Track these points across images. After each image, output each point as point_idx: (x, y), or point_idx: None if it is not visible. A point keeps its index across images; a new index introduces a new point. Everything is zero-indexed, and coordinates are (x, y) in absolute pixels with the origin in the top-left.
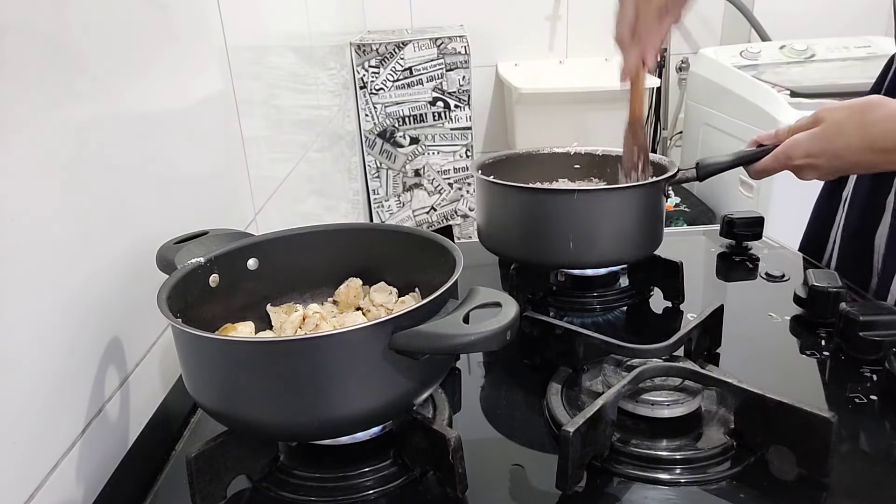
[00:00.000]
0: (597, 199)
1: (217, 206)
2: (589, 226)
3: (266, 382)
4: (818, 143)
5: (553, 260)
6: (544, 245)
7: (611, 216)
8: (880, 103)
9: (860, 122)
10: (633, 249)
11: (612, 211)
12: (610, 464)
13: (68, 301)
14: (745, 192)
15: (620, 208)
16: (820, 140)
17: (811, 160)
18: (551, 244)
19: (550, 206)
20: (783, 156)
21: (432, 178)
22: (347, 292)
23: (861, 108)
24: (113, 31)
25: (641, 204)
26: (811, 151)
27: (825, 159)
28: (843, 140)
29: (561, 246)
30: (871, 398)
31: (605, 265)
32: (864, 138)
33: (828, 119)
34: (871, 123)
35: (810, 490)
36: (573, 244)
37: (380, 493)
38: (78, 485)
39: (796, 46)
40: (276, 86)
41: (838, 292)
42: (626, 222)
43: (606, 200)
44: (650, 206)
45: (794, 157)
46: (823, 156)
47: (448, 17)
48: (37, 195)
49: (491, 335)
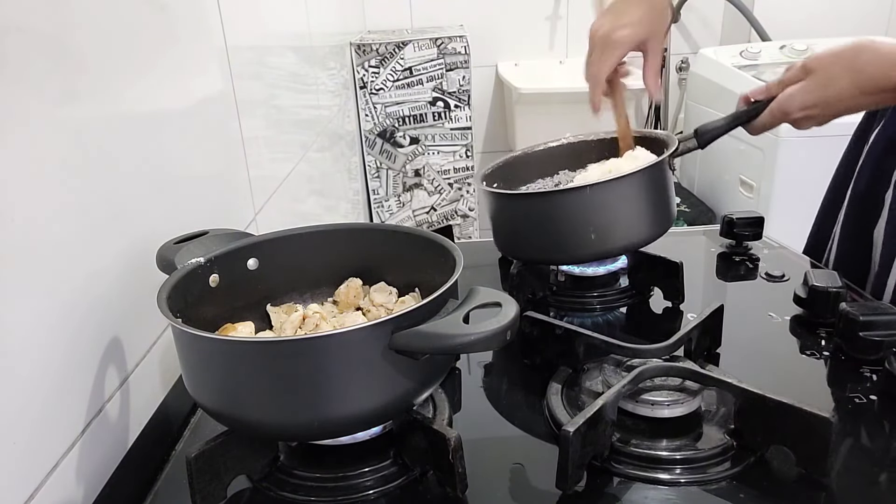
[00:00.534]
0: (610, 189)
1: (217, 206)
2: (607, 215)
3: (266, 382)
4: (812, 94)
5: (580, 254)
6: (569, 242)
7: (626, 202)
8: (868, 46)
9: (850, 68)
10: (650, 229)
11: (627, 197)
12: (610, 464)
13: (68, 301)
14: (745, 192)
15: (633, 193)
16: (813, 91)
17: (807, 111)
18: (575, 240)
19: (569, 204)
20: (779, 111)
21: (432, 178)
22: (347, 292)
23: (850, 53)
24: (113, 32)
25: (651, 185)
26: (806, 103)
27: (820, 109)
28: (836, 87)
29: (585, 240)
30: (871, 398)
31: (630, 249)
32: (855, 82)
33: (818, 69)
34: (862, 67)
35: (810, 490)
36: (595, 236)
37: (380, 493)
38: (78, 485)
39: (796, 46)
40: (276, 86)
41: (838, 292)
42: (641, 205)
43: (619, 189)
44: (660, 184)
45: (790, 112)
46: (818, 105)
47: (448, 17)
48: (37, 195)
49: (491, 335)
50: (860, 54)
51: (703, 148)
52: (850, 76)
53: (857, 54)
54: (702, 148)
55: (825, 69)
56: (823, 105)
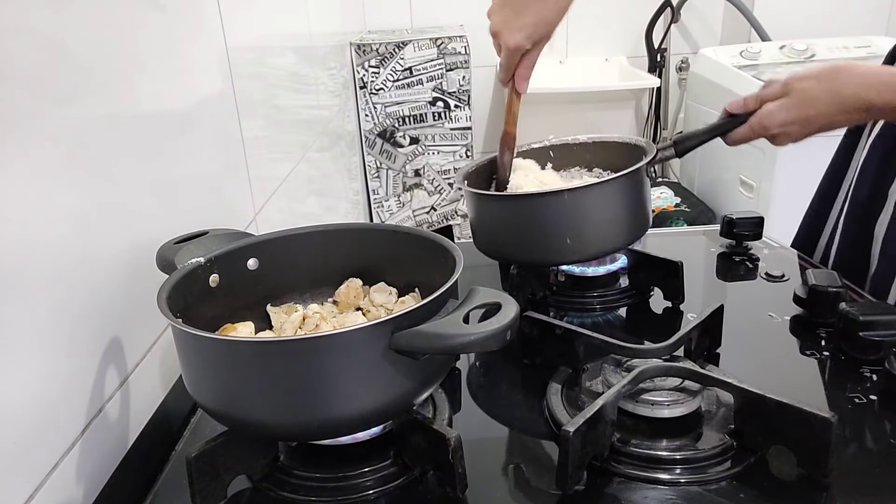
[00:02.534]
0: (587, 195)
1: (217, 206)
2: (582, 221)
3: (266, 382)
4: (791, 112)
5: (552, 258)
6: (543, 245)
7: (602, 208)
8: (845, 67)
9: (829, 89)
10: (626, 235)
11: (603, 203)
12: (610, 464)
13: (68, 301)
14: (745, 192)
15: (610, 199)
16: (792, 110)
17: (786, 128)
18: (549, 243)
19: (545, 208)
20: (759, 126)
21: (432, 178)
22: (347, 292)
23: (829, 74)
24: (113, 32)
25: (628, 191)
26: (786, 120)
27: (798, 126)
28: (814, 107)
29: (559, 243)
30: (871, 398)
31: (602, 255)
32: (834, 102)
33: (797, 88)
34: (839, 88)
35: (810, 490)
36: (570, 240)
37: (380, 493)
38: (78, 485)
39: (796, 46)
40: (276, 86)
41: (838, 292)
42: (618, 211)
43: (596, 194)
44: (637, 191)
45: (769, 128)
46: (797, 123)
47: (448, 17)
48: (37, 195)
49: (491, 335)
50: (838, 75)
51: (680, 156)
52: (829, 97)
53: (834, 75)
54: (679, 156)
55: (804, 89)
56: (802, 122)
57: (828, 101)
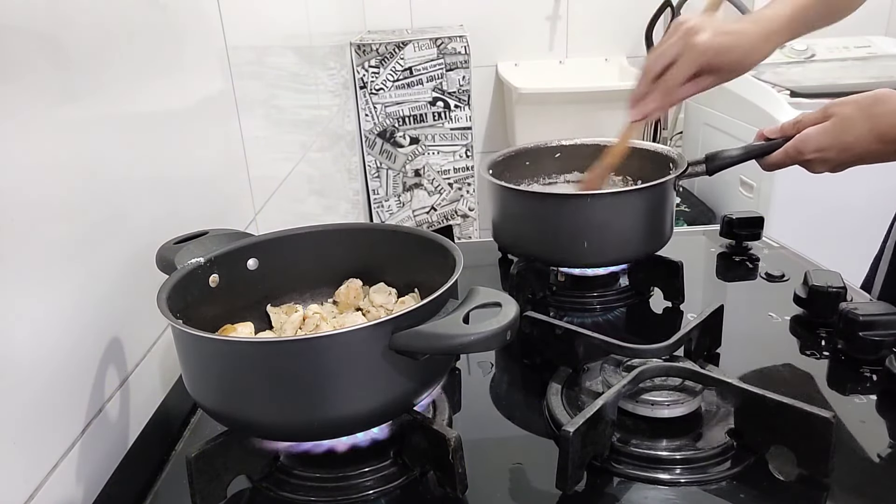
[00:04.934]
0: (610, 202)
1: (217, 206)
2: (602, 227)
3: (266, 383)
4: (828, 137)
5: (568, 260)
6: (561, 245)
7: (623, 217)
8: (888, 97)
9: (869, 115)
10: (644, 246)
11: (625, 212)
12: (610, 464)
13: (68, 301)
14: (745, 192)
15: (632, 208)
16: (830, 135)
17: (822, 154)
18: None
19: (566, 209)
20: (794, 150)
21: (432, 178)
22: (347, 293)
23: (869, 102)
24: (113, 31)
25: (653, 203)
26: (822, 146)
27: (835, 152)
28: (853, 133)
29: (576, 246)
30: (871, 398)
31: (618, 263)
32: (872, 131)
33: (838, 114)
34: (880, 116)
35: (810, 490)
36: (587, 244)
37: (380, 493)
38: (78, 485)
39: (796, 46)
40: (276, 86)
41: (838, 292)
42: (638, 221)
43: (619, 202)
44: (661, 204)
45: (805, 152)
46: (833, 149)
47: (448, 17)
48: (37, 195)
49: (491, 335)
50: (878, 104)
51: (710, 174)
52: (868, 123)
53: (875, 103)
54: (710, 174)
55: (844, 114)
56: (839, 149)
57: (866, 128)
